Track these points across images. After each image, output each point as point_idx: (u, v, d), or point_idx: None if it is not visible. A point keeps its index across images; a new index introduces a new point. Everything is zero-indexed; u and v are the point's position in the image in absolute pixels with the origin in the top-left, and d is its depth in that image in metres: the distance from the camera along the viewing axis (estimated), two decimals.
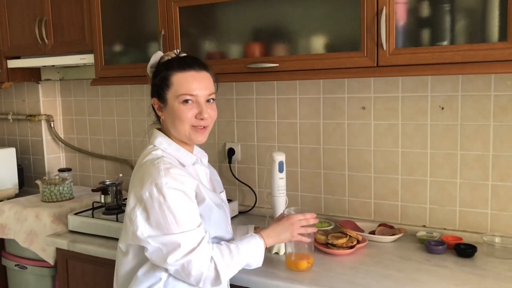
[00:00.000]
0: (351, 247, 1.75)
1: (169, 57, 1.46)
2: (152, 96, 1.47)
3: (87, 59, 2.30)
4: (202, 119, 1.41)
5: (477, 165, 1.84)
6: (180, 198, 1.31)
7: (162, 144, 1.44)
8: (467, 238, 1.84)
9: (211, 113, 1.44)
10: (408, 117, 1.94)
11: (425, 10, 1.59)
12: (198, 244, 1.30)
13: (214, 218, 1.43)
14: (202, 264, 1.30)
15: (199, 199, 1.39)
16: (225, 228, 1.50)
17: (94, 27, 2.22)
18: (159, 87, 1.42)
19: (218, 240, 1.44)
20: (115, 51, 2.27)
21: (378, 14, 1.59)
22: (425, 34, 1.60)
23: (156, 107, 1.46)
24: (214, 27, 2.01)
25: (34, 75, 2.82)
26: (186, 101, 1.39)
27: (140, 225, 1.31)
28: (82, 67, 2.76)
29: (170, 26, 2.02)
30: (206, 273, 1.31)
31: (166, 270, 1.35)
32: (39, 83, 2.85)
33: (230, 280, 1.56)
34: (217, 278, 1.33)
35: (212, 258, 1.32)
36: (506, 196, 1.80)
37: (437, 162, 1.91)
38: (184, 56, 1.50)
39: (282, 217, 1.58)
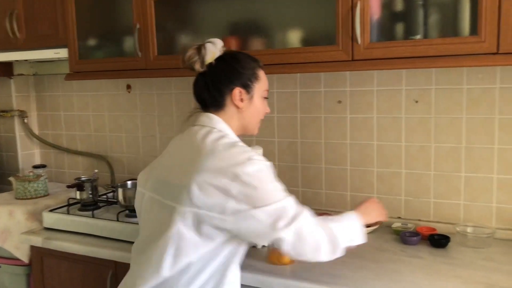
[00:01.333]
0: None
1: (223, 48, 1.44)
2: (234, 84, 1.41)
3: (61, 53, 2.26)
4: (267, 112, 1.52)
5: (450, 157, 1.88)
6: (270, 171, 1.31)
7: (227, 131, 1.41)
8: (442, 228, 1.88)
9: None
10: (383, 111, 1.97)
11: (399, 5, 1.62)
12: (302, 209, 1.29)
13: None
14: (313, 228, 1.28)
15: None
16: None
17: (68, 20, 2.19)
18: (248, 77, 1.42)
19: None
20: (90, 45, 2.24)
21: (352, 8, 1.60)
22: (399, 28, 1.62)
23: (237, 95, 1.41)
24: (190, 21, 2.00)
25: (6, 70, 2.76)
26: (265, 96, 1.49)
27: (242, 201, 1.23)
28: (56, 62, 2.70)
29: (146, 20, 2.00)
30: (322, 238, 1.28)
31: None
32: (11, 78, 2.79)
33: None
34: (335, 244, 1.31)
35: (320, 224, 1.31)
36: (478, 187, 1.85)
37: (411, 155, 1.94)
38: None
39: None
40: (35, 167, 2.65)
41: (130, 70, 2.11)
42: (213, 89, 1.42)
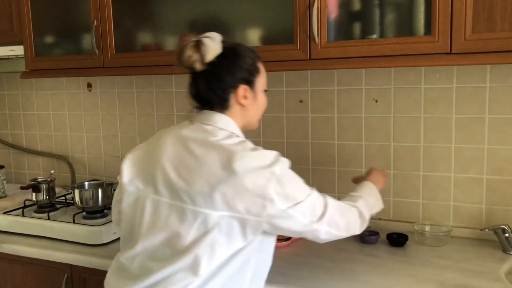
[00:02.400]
0: (287, 239, 1.76)
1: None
2: (238, 81, 1.31)
3: (17, 50, 2.19)
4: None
5: (409, 156, 1.89)
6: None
7: (237, 131, 1.33)
8: (401, 227, 1.89)
9: None
10: (344, 110, 1.97)
11: (355, 4, 1.62)
12: (326, 198, 1.31)
13: None
14: (342, 212, 1.33)
15: None
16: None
17: (23, 16, 2.12)
18: (251, 72, 1.33)
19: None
20: (47, 42, 2.18)
21: (310, 7, 1.60)
22: (356, 28, 1.62)
23: (242, 94, 1.31)
24: (149, 18, 1.96)
25: None
26: (265, 89, 1.42)
27: (278, 200, 1.19)
28: (14, 60, 2.61)
29: (103, 17, 1.95)
30: (351, 218, 1.35)
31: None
32: None
33: None
34: (362, 219, 1.38)
35: (346, 206, 1.36)
36: (436, 185, 1.87)
37: (371, 154, 1.95)
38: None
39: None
40: None
41: (88, 68, 2.06)
42: (217, 88, 1.31)
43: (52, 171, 2.25)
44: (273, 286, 1.44)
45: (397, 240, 1.76)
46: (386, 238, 1.78)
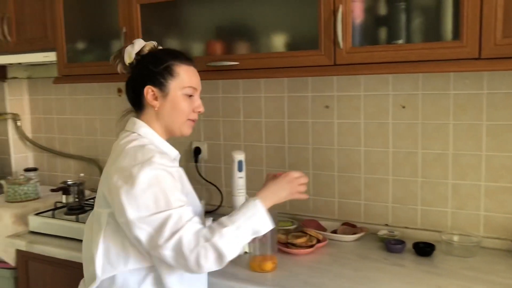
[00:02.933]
0: (311, 246, 1.74)
1: (151, 46, 1.44)
2: (145, 83, 1.39)
3: (50, 56, 2.27)
4: (199, 111, 1.46)
5: (437, 164, 1.85)
6: (170, 179, 1.28)
7: (148, 135, 1.39)
8: (428, 236, 1.85)
9: None
10: (370, 116, 1.94)
11: (381, 9, 1.60)
12: (188, 221, 1.23)
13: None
14: (194, 240, 1.21)
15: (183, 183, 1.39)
16: None
17: (57, 24, 2.19)
18: (161, 75, 1.38)
19: None
20: (78, 49, 2.24)
21: (334, 13, 1.58)
22: (381, 33, 1.60)
23: (150, 95, 1.38)
24: (175, 24, 1.99)
25: (0, 73, 2.77)
26: (188, 93, 1.41)
27: (129, 205, 1.23)
28: (49, 65, 2.70)
29: (132, 24, 1.99)
30: (202, 249, 1.20)
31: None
32: (5, 81, 2.80)
33: None
34: (216, 254, 1.21)
35: (204, 235, 1.23)
36: (465, 194, 1.81)
37: (398, 161, 1.91)
38: (180, 50, 1.51)
39: (273, 176, 1.47)
40: (27, 170, 2.65)
41: (117, 74, 2.09)
42: (132, 90, 1.44)
43: (82, 174, 2.31)
44: None
45: (424, 249, 1.71)
46: (412, 247, 1.74)
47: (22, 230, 2.16)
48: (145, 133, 1.39)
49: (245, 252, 1.74)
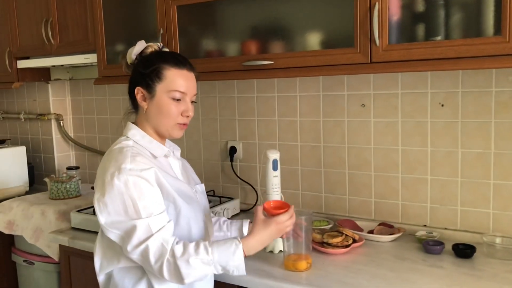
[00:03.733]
0: (347, 246, 1.73)
1: (153, 49, 1.48)
2: (136, 84, 1.43)
3: (91, 58, 2.34)
4: (187, 116, 1.44)
5: (478, 163, 1.79)
6: (142, 185, 1.30)
7: (136, 136, 1.43)
8: (469, 238, 1.80)
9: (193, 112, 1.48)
10: (408, 114, 1.91)
11: (418, 5, 1.56)
12: (158, 231, 1.28)
13: (180, 209, 1.39)
14: (160, 251, 1.26)
15: (160, 188, 1.37)
16: (196, 220, 1.44)
17: (97, 26, 2.25)
18: (149, 77, 1.40)
19: (187, 236, 1.42)
20: (117, 50, 2.30)
21: (370, 10, 1.56)
22: (419, 30, 1.56)
23: (139, 96, 1.43)
24: (211, 25, 2.01)
25: (43, 75, 2.88)
26: (175, 97, 1.41)
27: (100, 212, 1.31)
28: (90, 67, 2.80)
29: (169, 25, 2.03)
30: (166, 263, 1.25)
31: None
32: (48, 83, 2.91)
33: (222, 277, 1.56)
34: (177, 273, 1.25)
35: (172, 249, 1.26)
36: (508, 195, 1.75)
37: (437, 160, 1.87)
38: (175, 53, 1.56)
39: (264, 216, 1.42)
40: (69, 168, 2.74)
41: None
42: (128, 91, 1.48)
43: None
44: None
45: (464, 251, 1.67)
46: (452, 248, 1.69)
47: (65, 226, 2.24)
48: (133, 135, 1.44)
49: (280, 251, 1.75)
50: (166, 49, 1.53)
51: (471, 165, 1.81)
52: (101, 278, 1.48)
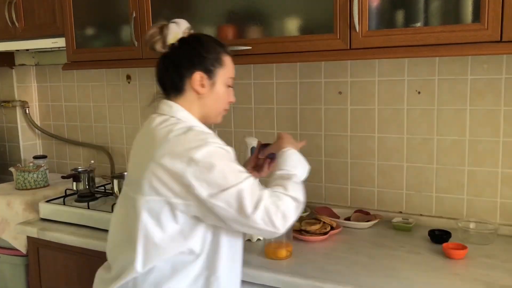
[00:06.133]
0: (325, 233, 1.73)
1: (189, 31, 1.40)
2: (195, 67, 1.34)
3: (59, 42, 2.24)
4: (232, 101, 1.45)
5: (453, 150, 1.82)
6: (228, 156, 1.27)
7: (187, 120, 1.34)
8: (443, 224, 1.83)
9: None
10: (385, 102, 1.91)
11: None
12: (261, 190, 1.25)
13: None
14: (274, 204, 1.23)
15: None
16: None
17: (65, 9, 2.16)
18: (211, 62, 1.35)
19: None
20: (87, 34, 2.21)
21: None
22: (399, 16, 1.56)
23: (197, 80, 1.34)
24: (186, 9, 1.95)
25: (7, 60, 2.75)
26: (230, 84, 1.41)
27: (200, 185, 1.20)
28: (57, 52, 2.69)
29: (142, 8, 1.96)
30: (284, 205, 1.25)
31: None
32: (13, 68, 2.78)
33: None
34: (297, 202, 1.29)
35: (277, 193, 1.27)
36: (482, 181, 1.78)
37: (413, 147, 1.88)
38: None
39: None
40: (36, 157, 2.64)
41: (126, 60, 2.08)
42: (173, 72, 1.36)
43: (92, 161, 2.29)
44: (310, 281, 1.41)
45: (440, 236, 1.69)
46: (428, 234, 1.71)
47: (33, 218, 2.15)
48: (184, 117, 1.34)
49: (258, 239, 1.73)
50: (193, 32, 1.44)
51: (447, 152, 1.83)
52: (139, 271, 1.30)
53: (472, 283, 1.37)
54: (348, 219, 1.90)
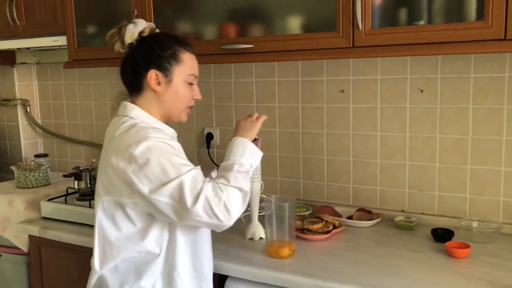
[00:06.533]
0: (327, 232, 1.72)
1: (150, 29, 1.41)
2: (149, 66, 1.35)
3: (60, 41, 2.23)
4: (197, 99, 1.45)
5: (456, 149, 1.81)
6: (172, 150, 1.26)
7: (140, 117, 1.36)
8: (446, 222, 1.82)
9: None
10: (387, 100, 1.90)
11: None
12: (203, 182, 1.24)
13: None
14: (216, 195, 1.23)
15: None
16: None
17: (66, 7, 2.15)
18: (167, 60, 1.35)
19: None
20: (88, 33, 2.20)
21: None
22: (402, 14, 1.55)
23: (153, 79, 1.35)
24: (188, 7, 1.94)
25: (8, 58, 2.74)
26: (191, 81, 1.41)
27: (141, 182, 1.22)
28: (58, 50, 2.68)
29: (143, 6, 1.95)
30: (227, 196, 1.24)
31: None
32: (14, 67, 2.78)
33: None
34: (243, 192, 1.28)
35: (220, 185, 1.26)
36: (484, 180, 1.78)
37: (416, 146, 1.88)
38: (180, 36, 1.51)
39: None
40: (37, 156, 2.63)
41: None
42: (131, 71, 1.39)
43: (94, 160, 2.28)
44: (313, 280, 1.40)
45: (443, 235, 1.69)
46: (431, 233, 1.71)
47: (35, 216, 2.15)
48: (137, 115, 1.36)
49: (260, 238, 1.73)
50: (158, 30, 1.46)
51: (449, 151, 1.82)
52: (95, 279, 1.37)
53: (476, 282, 1.36)
54: (350, 218, 1.90)
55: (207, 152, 2.31)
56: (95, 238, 1.34)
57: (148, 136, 1.25)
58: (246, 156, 1.38)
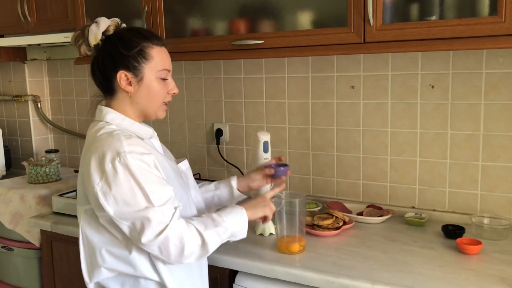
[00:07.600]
0: (337, 228, 1.72)
1: (114, 27, 1.36)
2: (117, 68, 1.30)
3: (71, 37, 2.23)
4: (173, 93, 1.39)
5: (467, 145, 1.80)
6: (145, 169, 1.22)
7: (115, 120, 1.32)
8: (456, 219, 1.81)
9: None
10: (398, 96, 1.90)
11: None
12: (172, 219, 1.21)
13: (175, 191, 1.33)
14: (181, 238, 1.21)
15: (164, 171, 1.32)
16: (188, 201, 1.40)
17: (77, 4, 2.16)
18: (134, 59, 1.30)
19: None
20: None
21: None
22: (414, 9, 1.54)
23: (123, 80, 1.31)
24: (198, 3, 1.94)
25: (19, 54, 2.76)
26: (164, 77, 1.35)
27: (107, 202, 1.20)
28: (69, 46, 2.70)
29: (154, 2, 1.96)
30: (190, 246, 1.22)
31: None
32: (25, 63, 2.80)
33: (216, 261, 1.55)
34: (203, 248, 1.24)
35: (196, 229, 1.24)
36: (495, 176, 1.77)
37: (426, 142, 1.87)
38: (148, 29, 1.47)
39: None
40: (48, 151, 2.66)
41: None
42: (100, 74, 1.34)
43: None
44: (323, 275, 1.41)
45: (453, 232, 1.68)
46: (441, 229, 1.70)
47: (46, 211, 2.17)
48: (112, 119, 1.32)
49: (271, 234, 1.73)
50: (124, 25, 1.41)
51: (460, 147, 1.81)
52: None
53: (487, 278, 1.36)
54: (360, 214, 1.90)
55: (217, 148, 2.31)
56: (80, 248, 1.33)
57: (121, 151, 1.21)
58: (236, 229, 1.33)
